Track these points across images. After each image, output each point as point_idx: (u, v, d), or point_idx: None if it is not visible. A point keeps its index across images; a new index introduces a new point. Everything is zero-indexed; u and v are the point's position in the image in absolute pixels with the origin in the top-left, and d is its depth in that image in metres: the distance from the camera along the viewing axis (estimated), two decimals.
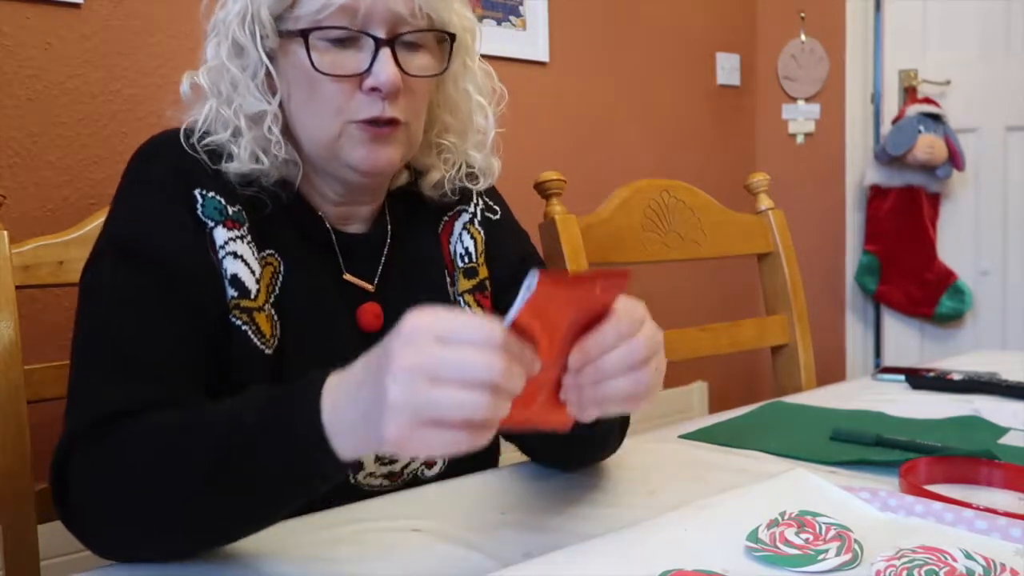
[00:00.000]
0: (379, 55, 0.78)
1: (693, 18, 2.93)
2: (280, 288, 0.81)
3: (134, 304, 0.73)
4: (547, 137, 2.47)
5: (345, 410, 0.56)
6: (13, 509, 0.93)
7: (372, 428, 0.53)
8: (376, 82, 0.77)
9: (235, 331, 0.77)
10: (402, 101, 0.80)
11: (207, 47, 0.83)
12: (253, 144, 0.80)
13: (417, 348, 0.52)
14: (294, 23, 0.78)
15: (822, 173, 3.07)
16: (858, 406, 1.17)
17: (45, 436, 1.13)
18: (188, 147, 0.79)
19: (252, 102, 0.80)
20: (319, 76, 0.78)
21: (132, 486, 0.63)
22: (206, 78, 0.81)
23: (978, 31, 2.83)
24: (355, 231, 0.89)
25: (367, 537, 0.71)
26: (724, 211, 1.53)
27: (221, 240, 0.77)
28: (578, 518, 0.75)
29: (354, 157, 0.80)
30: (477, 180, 0.93)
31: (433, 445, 0.52)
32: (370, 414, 0.53)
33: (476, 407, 0.51)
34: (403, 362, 0.51)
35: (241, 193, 0.80)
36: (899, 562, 0.60)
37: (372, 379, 0.54)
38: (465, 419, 0.51)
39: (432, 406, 0.51)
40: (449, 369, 0.51)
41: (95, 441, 0.65)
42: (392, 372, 0.51)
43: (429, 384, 0.51)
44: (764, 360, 1.61)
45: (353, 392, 0.56)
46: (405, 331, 0.53)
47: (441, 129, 0.91)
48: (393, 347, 0.52)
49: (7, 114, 1.56)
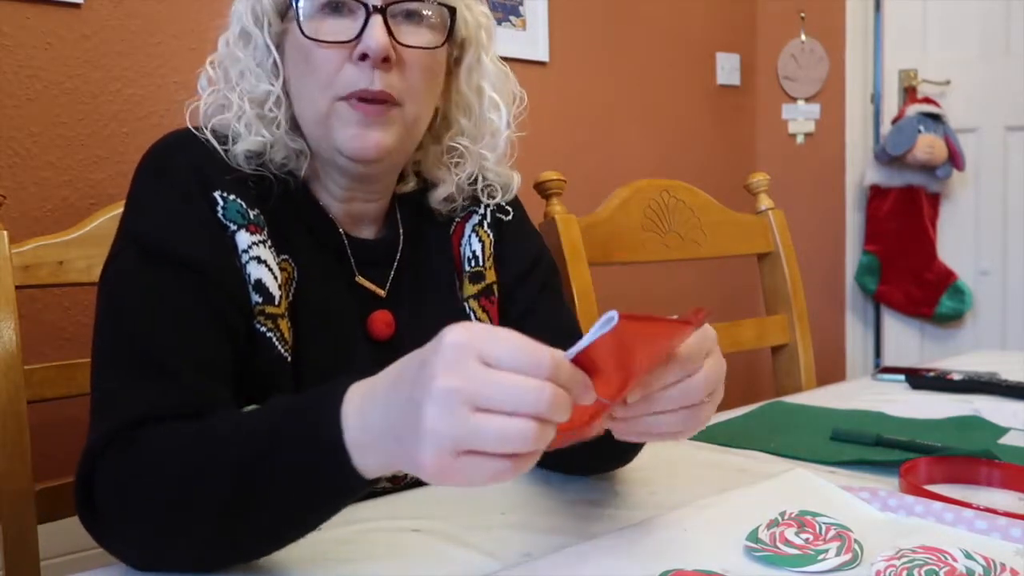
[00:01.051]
0: (370, 21, 0.76)
1: (693, 18, 2.93)
2: (294, 294, 0.80)
3: (160, 306, 0.71)
4: (547, 137, 2.47)
5: (371, 428, 0.53)
6: (13, 509, 0.93)
7: (405, 452, 0.50)
8: (364, 47, 0.76)
9: (260, 337, 0.76)
10: (395, 75, 0.78)
11: (220, 39, 0.84)
12: (256, 121, 0.79)
13: (460, 370, 0.47)
14: (294, 1, 0.78)
15: (822, 173, 3.06)
16: (858, 406, 1.17)
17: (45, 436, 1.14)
18: (198, 133, 0.79)
19: (256, 84, 0.80)
20: (310, 45, 0.77)
21: (155, 500, 0.62)
22: (217, 67, 0.82)
23: (978, 31, 2.82)
24: (366, 235, 0.88)
25: (367, 537, 0.71)
26: (724, 211, 1.53)
27: (244, 244, 0.76)
28: (578, 518, 0.75)
29: (342, 138, 0.79)
30: (496, 193, 0.91)
31: (473, 475, 0.48)
32: (404, 438, 0.50)
33: (522, 440, 0.47)
34: (444, 384, 0.47)
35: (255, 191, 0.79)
36: (899, 562, 0.60)
37: (406, 398, 0.50)
38: (509, 451, 0.48)
39: (474, 436, 0.47)
40: (495, 396, 0.47)
41: (121, 450, 0.64)
42: (432, 394, 0.47)
43: (472, 411, 0.47)
44: (764, 360, 1.61)
45: (382, 409, 0.52)
46: (447, 348, 0.48)
47: (456, 132, 0.89)
48: (434, 365, 0.48)
49: (7, 114, 1.56)
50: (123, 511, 0.63)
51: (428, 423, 0.47)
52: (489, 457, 0.48)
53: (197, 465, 0.61)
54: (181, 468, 0.61)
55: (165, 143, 0.80)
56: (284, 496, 0.58)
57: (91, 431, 0.67)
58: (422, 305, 0.88)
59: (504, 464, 0.48)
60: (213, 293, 0.73)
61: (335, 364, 0.81)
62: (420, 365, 0.50)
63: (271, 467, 0.57)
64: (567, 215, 1.30)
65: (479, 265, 0.91)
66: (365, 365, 0.57)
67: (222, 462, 0.59)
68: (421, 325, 0.87)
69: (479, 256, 0.91)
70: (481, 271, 0.91)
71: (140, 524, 0.63)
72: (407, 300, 0.87)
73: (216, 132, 0.80)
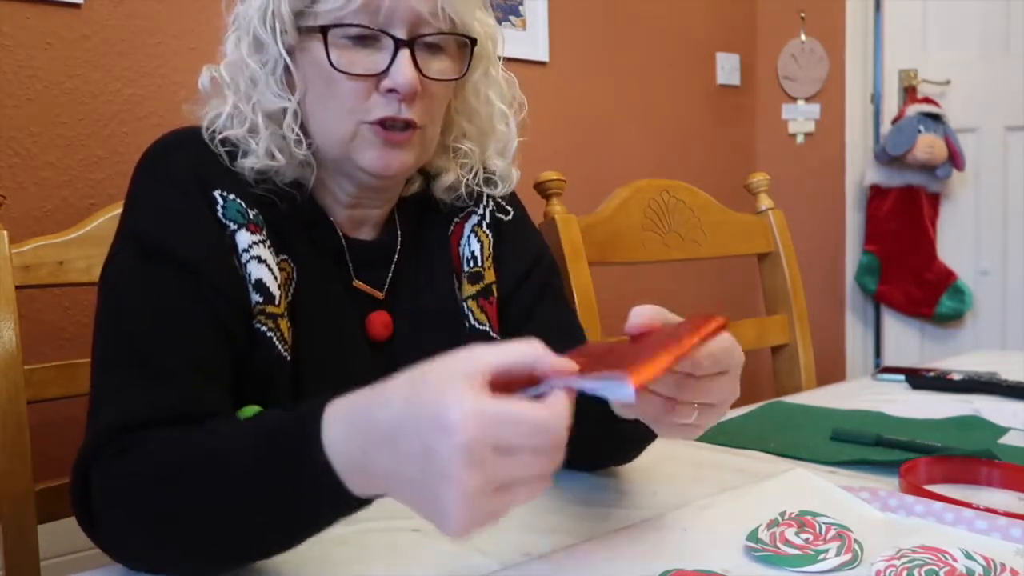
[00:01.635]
0: (398, 56, 0.77)
1: (693, 18, 2.93)
2: (293, 295, 0.80)
3: (158, 307, 0.71)
4: (547, 137, 2.47)
5: (367, 469, 0.52)
6: (13, 509, 0.93)
7: (423, 511, 0.50)
8: (394, 83, 0.77)
9: (260, 337, 0.76)
10: (419, 104, 0.79)
11: (227, 41, 0.82)
12: (270, 141, 0.79)
13: (480, 467, 0.46)
14: (314, 19, 0.77)
15: (822, 173, 3.06)
16: (858, 406, 1.17)
17: (45, 436, 1.14)
18: (208, 140, 0.78)
19: (271, 98, 0.79)
20: (336, 74, 0.77)
21: (146, 506, 0.62)
22: (226, 73, 0.81)
23: (978, 31, 2.82)
24: (365, 237, 0.88)
25: (367, 537, 0.71)
26: (724, 211, 1.53)
27: (245, 244, 0.76)
28: (578, 518, 0.75)
29: (366, 159, 0.79)
30: (496, 186, 0.92)
31: (497, 519, 0.50)
32: (426, 513, 0.50)
33: (542, 489, 0.49)
34: (467, 486, 0.46)
35: (255, 192, 0.79)
36: (899, 562, 0.60)
37: (423, 478, 0.49)
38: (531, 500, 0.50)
39: (501, 512, 0.49)
40: (517, 478, 0.48)
41: (115, 453, 0.64)
42: (456, 496, 0.47)
43: (497, 494, 0.48)
44: (764, 360, 1.61)
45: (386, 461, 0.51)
46: (461, 444, 0.46)
47: (458, 134, 0.89)
48: (450, 465, 0.46)
49: (7, 114, 1.56)
50: (117, 514, 0.63)
51: (455, 514, 0.47)
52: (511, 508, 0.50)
53: (186, 476, 0.60)
54: (171, 477, 0.61)
55: (165, 142, 0.80)
56: (270, 516, 0.57)
57: (87, 432, 0.67)
58: (420, 306, 0.88)
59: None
60: (211, 293, 0.73)
61: (334, 364, 0.81)
62: (433, 459, 0.47)
63: (258, 486, 0.57)
64: (567, 215, 1.30)
65: (478, 265, 0.90)
66: (364, 365, 0.58)
67: (211, 476, 0.59)
68: (419, 326, 0.87)
69: (478, 256, 0.91)
70: (480, 271, 0.90)
71: (133, 527, 0.63)
72: (405, 301, 0.87)
73: (224, 143, 0.79)
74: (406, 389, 0.50)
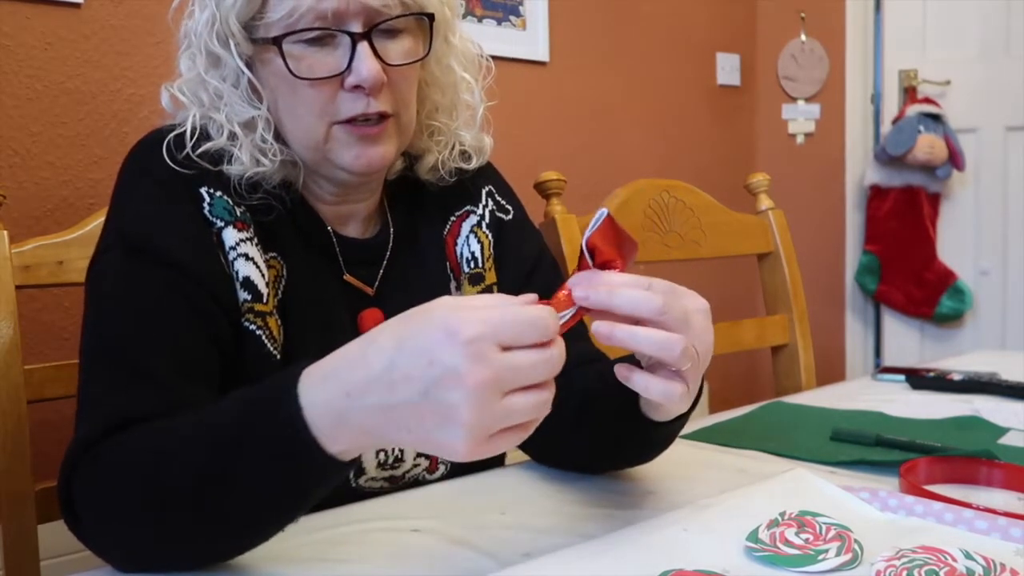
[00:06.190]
0: (357, 50, 0.75)
1: (693, 18, 2.93)
2: (283, 292, 0.80)
3: (144, 306, 0.71)
4: (547, 137, 2.46)
5: (350, 420, 0.54)
6: (13, 509, 0.93)
7: (425, 442, 0.52)
8: (358, 79, 0.75)
9: (248, 335, 0.76)
10: (388, 93, 0.78)
11: (181, 59, 0.80)
12: (252, 148, 0.78)
13: (486, 362, 0.50)
14: (265, 30, 0.75)
15: (822, 173, 3.06)
16: (858, 406, 1.17)
17: (45, 436, 1.13)
18: (179, 155, 0.76)
19: (240, 109, 0.78)
20: (299, 81, 0.75)
21: (128, 502, 0.61)
22: (186, 91, 0.79)
23: (978, 31, 2.83)
24: (356, 234, 0.87)
25: (367, 537, 0.71)
26: (724, 211, 1.53)
27: (232, 241, 0.76)
28: (578, 518, 0.75)
29: (345, 159, 0.78)
30: (470, 159, 0.90)
31: (501, 448, 0.53)
32: (424, 430, 0.52)
33: (545, 406, 0.53)
34: (477, 380, 0.49)
35: (247, 196, 0.78)
36: (899, 562, 0.60)
37: (418, 392, 0.51)
38: (535, 418, 0.53)
39: (508, 419, 0.51)
40: (521, 379, 0.51)
41: (97, 455, 0.64)
42: (467, 392, 0.49)
43: (502, 396, 0.51)
44: (764, 360, 1.61)
45: (374, 403, 0.53)
46: (465, 340, 0.50)
47: (431, 109, 0.88)
48: (457, 361, 0.50)
49: (7, 114, 1.56)
50: (101, 515, 0.63)
51: (466, 417, 0.50)
52: (516, 430, 0.53)
53: (165, 464, 0.60)
54: (150, 469, 0.61)
55: (150, 139, 0.79)
56: (252, 488, 0.57)
57: (74, 433, 0.67)
58: (412, 303, 0.88)
59: (528, 428, 0.53)
60: (197, 292, 0.73)
61: None
62: (436, 359, 0.51)
63: (237, 460, 0.57)
64: (567, 215, 1.30)
65: (479, 266, 0.90)
66: None
67: (187, 460, 0.59)
68: None
69: (478, 257, 0.90)
70: (481, 272, 0.90)
71: (118, 527, 0.63)
72: (397, 298, 0.87)
73: (205, 154, 0.77)
74: (393, 327, 0.54)
